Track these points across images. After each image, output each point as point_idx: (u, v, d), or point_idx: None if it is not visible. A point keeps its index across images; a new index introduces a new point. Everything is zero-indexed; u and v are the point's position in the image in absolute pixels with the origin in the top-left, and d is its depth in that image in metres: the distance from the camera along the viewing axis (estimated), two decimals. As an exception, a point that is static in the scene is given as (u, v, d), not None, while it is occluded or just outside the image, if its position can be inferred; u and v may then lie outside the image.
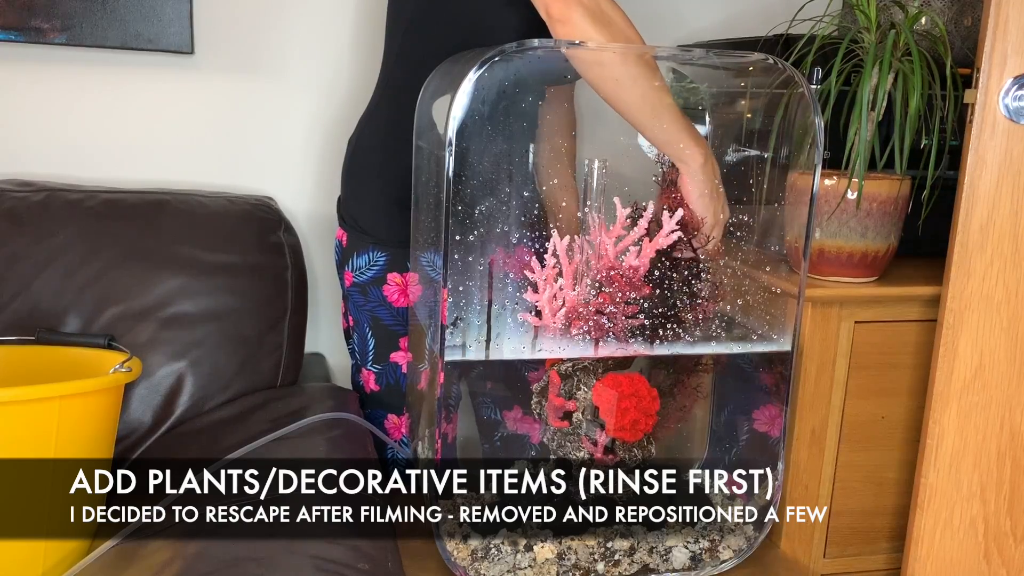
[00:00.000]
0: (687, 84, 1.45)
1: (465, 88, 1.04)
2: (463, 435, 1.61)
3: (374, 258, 1.46)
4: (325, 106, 1.74)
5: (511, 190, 1.30)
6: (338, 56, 1.72)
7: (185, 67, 1.66)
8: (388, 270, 1.45)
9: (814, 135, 1.17)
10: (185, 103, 1.67)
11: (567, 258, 1.17)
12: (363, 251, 1.46)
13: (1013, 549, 1.20)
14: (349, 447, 1.27)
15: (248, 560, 0.95)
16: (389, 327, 1.47)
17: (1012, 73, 1.08)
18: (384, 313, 1.46)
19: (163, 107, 1.67)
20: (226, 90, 1.68)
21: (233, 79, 1.66)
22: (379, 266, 1.45)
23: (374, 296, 1.46)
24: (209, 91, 1.68)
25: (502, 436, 1.49)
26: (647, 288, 1.20)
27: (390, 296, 1.45)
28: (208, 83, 1.67)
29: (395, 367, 1.47)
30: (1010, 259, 1.14)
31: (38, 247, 1.42)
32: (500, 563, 1.16)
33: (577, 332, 1.17)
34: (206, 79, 1.67)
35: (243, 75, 1.69)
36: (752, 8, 1.83)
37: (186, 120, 1.68)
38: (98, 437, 1.15)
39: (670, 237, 1.19)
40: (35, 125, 1.63)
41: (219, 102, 1.68)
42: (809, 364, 1.27)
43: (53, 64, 1.61)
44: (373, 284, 1.45)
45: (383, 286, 1.45)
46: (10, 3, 1.52)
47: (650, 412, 1.21)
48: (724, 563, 1.24)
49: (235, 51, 1.67)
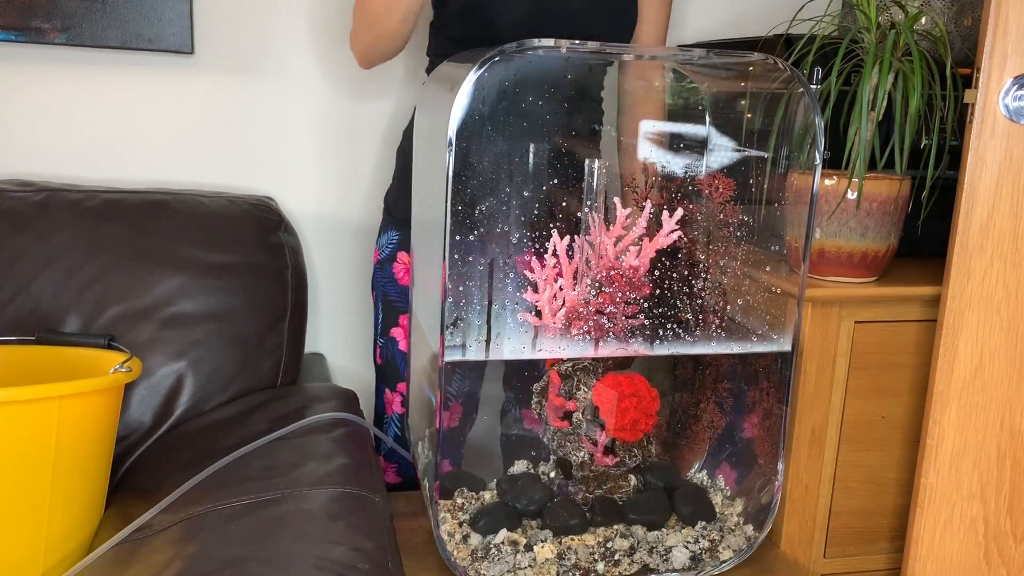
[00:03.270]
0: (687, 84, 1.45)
1: (465, 88, 1.04)
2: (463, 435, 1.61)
3: (390, 237, 1.55)
4: (325, 106, 1.74)
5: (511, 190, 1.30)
6: (338, 56, 1.72)
7: (185, 67, 1.66)
8: (399, 248, 1.53)
9: (814, 135, 1.18)
10: (185, 103, 1.67)
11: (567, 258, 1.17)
12: (386, 230, 1.56)
13: (1013, 549, 1.20)
14: (349, 447, 1.27)
15: (248, 560, 0.95)
16: (393, 302, 1.55)
17: (1012, 73, 1.08)
18: (392, 289, 1.54)
19: (163, 107, 1.67)
20: (226, 90, 1.68)
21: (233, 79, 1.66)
22: (393, 244, 1.54)
23: (387, 272, 1.55)
24: (209, 91, 1.68)
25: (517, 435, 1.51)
26: (647, 288, 1.20)
27: (397, 274, 1.53)
28: (208, 83, 1.67)
29: (394, 342, 1.55)
30: (1010, 259, 1.14)
31: (38, 247, 1.42)
32: (500, 563, 1.16)
33: (577, 332, 1.17)
34: (206, 79, 1.67)
35: (243, 75, 1.69)
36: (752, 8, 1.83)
37: (186, 120, 1.68)
38: (98, 437, 1.15)
39: (670, 237, 1.19)
40: (35, 125, 1.63)
41: (219, 102, 1.69)
42: (809, 364, 1.27)
43: (53, 64, 1.61)
44: (388, 261, 1.54)
45: (393, 264, 1.54)
46: (10, 3, 1.52)
47: (650, 412, 1.21)
48: (724, 563, 1.24)
49: (235, 51, 1.68)
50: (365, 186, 1.79)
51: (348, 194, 1.78)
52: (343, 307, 1.83)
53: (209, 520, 1.05)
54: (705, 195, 1.28)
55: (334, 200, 1.78)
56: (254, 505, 1.07)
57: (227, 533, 1.01)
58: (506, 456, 1.48)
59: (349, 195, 1.79)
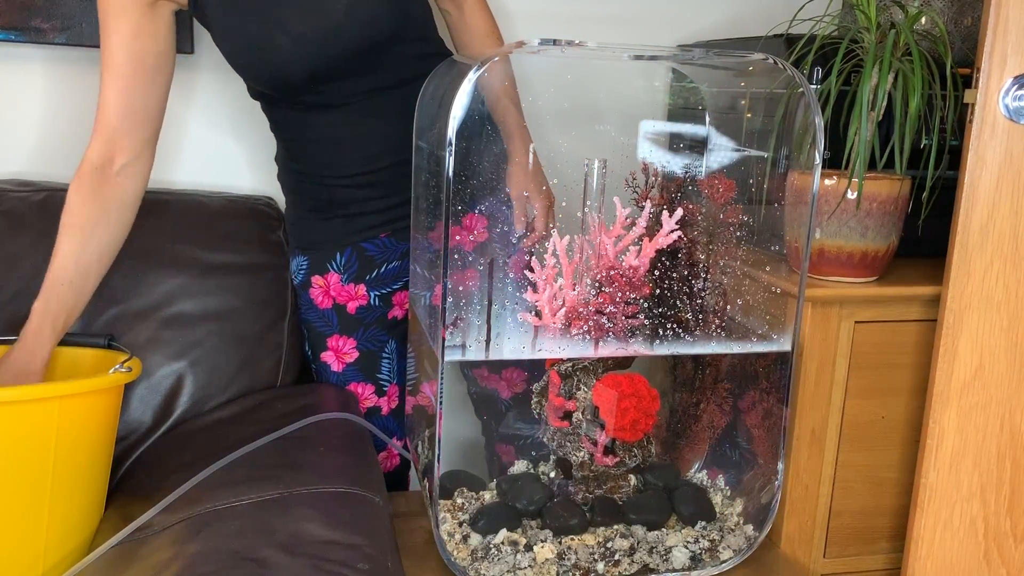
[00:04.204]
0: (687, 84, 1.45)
1: (465, 88, 1.04)
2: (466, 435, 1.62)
3: (300, 263, 1.50)
4: (325, 106, 1.73)
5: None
6: (338, 56, 1.72)
7: (185, 67, 1.65)
8: (311, 273, 1.48)
9: (814, 135, 1.18)
10: (185, 103, 1.67)
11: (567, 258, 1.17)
12: (293, 256, 1.52)
13: (1013, 549, 1.20)
14: (349, 447, 1.27)
15: (248, 560, 0.95)
16: (317, 328, 1.50)
17: (1012, 73, 1.08)
18: (313, 316, 1.50)
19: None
20: (226, 90, 1.68)
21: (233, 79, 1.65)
22: (304, 270, 1.49)
23: (304, 300, 1.50)
24: (209, 91, 1.68)
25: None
26: (647, 288, 1.20)
27: (316, 299, 1.48)
28: (208, 83, 1.67)
29: (325, 366, 1.50)
30: (1010, 259, 1.14)
31: (38, 247, 1.42)
32: (500, 563, 1.16)
33: (577, 332, 1.17)
34: (206, 79, 1.67)
35: (243, 75, 1.68)
36: (752, 8, 1.83)
37: (186, 120, 1.68)
38: (98, 437, 1.15)
39: (670, 237, 1.19)
40: (35, 125, 1.63)
41: (219, 102, 1.68)
42: (809, 364, 1.27)
43: (53, 64, 1.61)
44: (303, 288, 1.50)
45: (309, 289, 1.49)
46: (10, 3, 1.52)
47: (650, 412, 1.21)
48: (724, 563, 1.24)
49: (235, 51, 1.67)
50: (365, 186, 1.78)
51: (348, 194, 1.78)
52: (343, 307, 1.83)
53: (209, 520, 1.05)
54: (705, 195, 1.28)
55: (334, 200, 1.78)
56: (254, 505, 1.07)
57: (227, 533, 1.01)
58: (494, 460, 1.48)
59: (349, 195, 1.78)
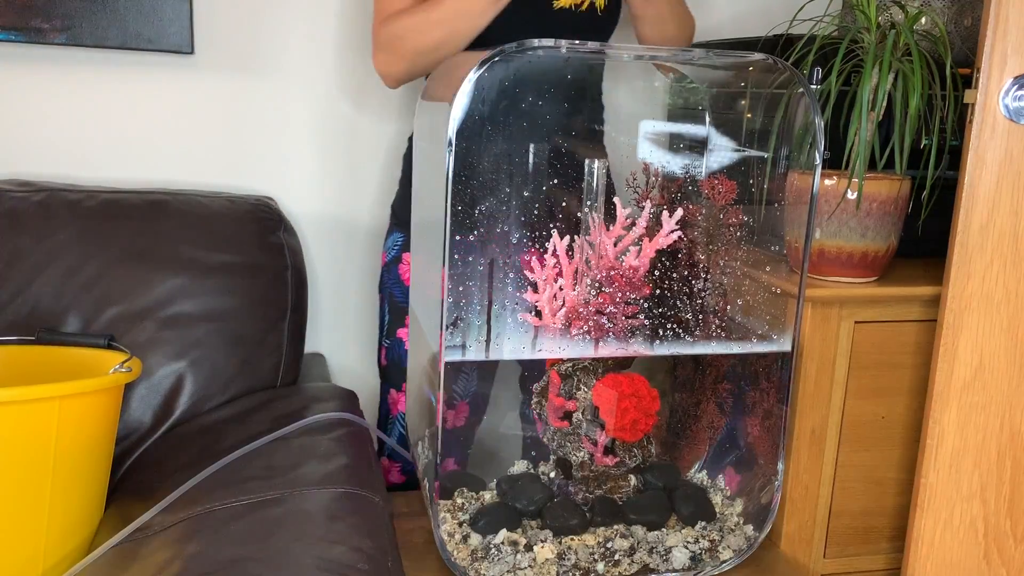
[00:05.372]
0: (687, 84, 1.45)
1: (465, 88, 1.04)
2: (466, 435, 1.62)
3: (396, 239, 1.56)
4: (325, 106, 1.74)
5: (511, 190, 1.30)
6: (338, 56, 1.72)
7: (185, 67, 1.66)
8: (404, 250, 1.54)
9: (814, 135, 1.17)
10: (185, 103, 1.67)
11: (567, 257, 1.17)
12: (392, 232, 1.57)
13: (1013, 549, 1.20)
14: (349, 447, 1.27)
15: (248, 560, 0.95)
16: (400, 303, 1.55)
17: (1012, 73, 1.08)
18: (398, 290, 1.55)
19: (163, 107, 1.67)
20: (226, 90, 1.68)
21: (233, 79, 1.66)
22: (398, 246, 1.55)
23: (393, 273, 1.56)
24: (209, 91, 1.68)
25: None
26: (647, 288, 1.20)
27: (403, 275, 1.54)
28: (208, 83, 1.67)
29: (399, 343, 1.55)
30: (1010, 259, 1.14)
31: (38, 247, 1.42)
32: (500, 563, 1.16)
33: (577, 332, 1.17)
34: (206, 79, 1.67)
35: (243, 75, 1.69)
36: (752, 8, 1.83)
37: (186, 120, 1.68)
38: (98, 437, 1.15)
39: (670, 237, 1.19)
40: (35, 125, 1.63)
41: (219, 102, 1.68)
42: (809, 364, 1.27)
43: (53, 64, 1.61)
44: (394, 263, 1.55)
45: (399, 265, 1.54)
46: (10, 3, 1.52)
47: (650, 412, 1.21)
48: (724, 563, 1.24)
49: (235, 51, 1.67)
50: (365, 185, 1.79)
51: (348, 194, 1.78)
52: (343, 307, 1.83)
53: (209, 520, 1.05)
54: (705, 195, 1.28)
55: (334, 200, 1.78)
56: (254, 505, 1.07)
57: (227, 533, 1.01)
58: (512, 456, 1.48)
59: (349, 195, 1.78)
